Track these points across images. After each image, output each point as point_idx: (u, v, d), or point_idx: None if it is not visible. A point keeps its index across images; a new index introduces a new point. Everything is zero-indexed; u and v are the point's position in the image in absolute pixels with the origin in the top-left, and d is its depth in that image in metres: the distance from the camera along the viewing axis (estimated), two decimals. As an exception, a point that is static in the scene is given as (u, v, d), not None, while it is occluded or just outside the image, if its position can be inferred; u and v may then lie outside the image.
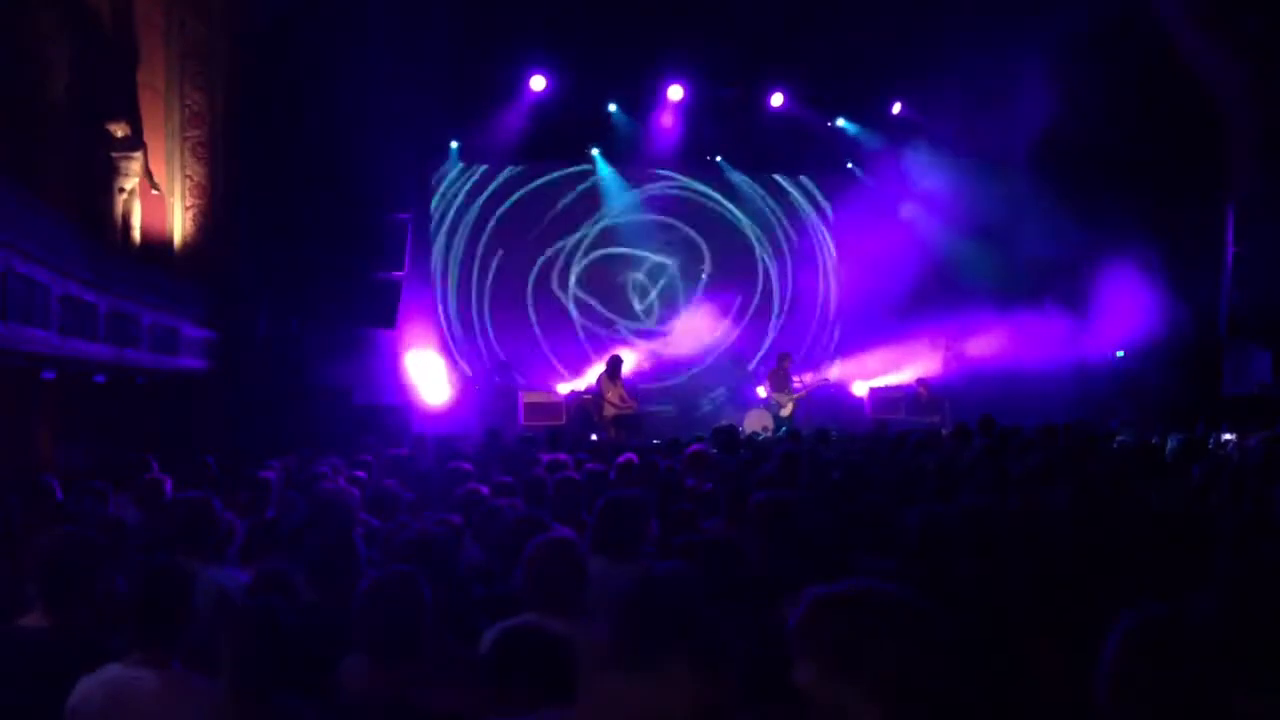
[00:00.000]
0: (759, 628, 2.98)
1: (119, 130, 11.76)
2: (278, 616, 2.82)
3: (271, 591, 3.12)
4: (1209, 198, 15.17)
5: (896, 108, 17.31)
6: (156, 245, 12.36)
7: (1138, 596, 2.35)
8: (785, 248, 18.72)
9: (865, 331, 17.68)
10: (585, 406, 15.85)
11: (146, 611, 3.17)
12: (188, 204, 12.95)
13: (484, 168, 17.71)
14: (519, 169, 17.78)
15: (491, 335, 17.73)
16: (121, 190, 11.79)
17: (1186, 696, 2.08)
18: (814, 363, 18.00)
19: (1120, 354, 16.38)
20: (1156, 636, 2.16)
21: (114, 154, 11.70)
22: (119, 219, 11.69)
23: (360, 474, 7.37)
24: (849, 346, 18.19)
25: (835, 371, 18.09)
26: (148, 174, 12.22)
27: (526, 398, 16.24)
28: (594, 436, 14.09)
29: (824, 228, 18.99)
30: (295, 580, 3.05)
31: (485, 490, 6.04)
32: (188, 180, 12.95)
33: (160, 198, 12.55)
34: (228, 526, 4.57)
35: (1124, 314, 15.62)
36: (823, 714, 1.97)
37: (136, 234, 11.99)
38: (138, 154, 11.92)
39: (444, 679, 2.85)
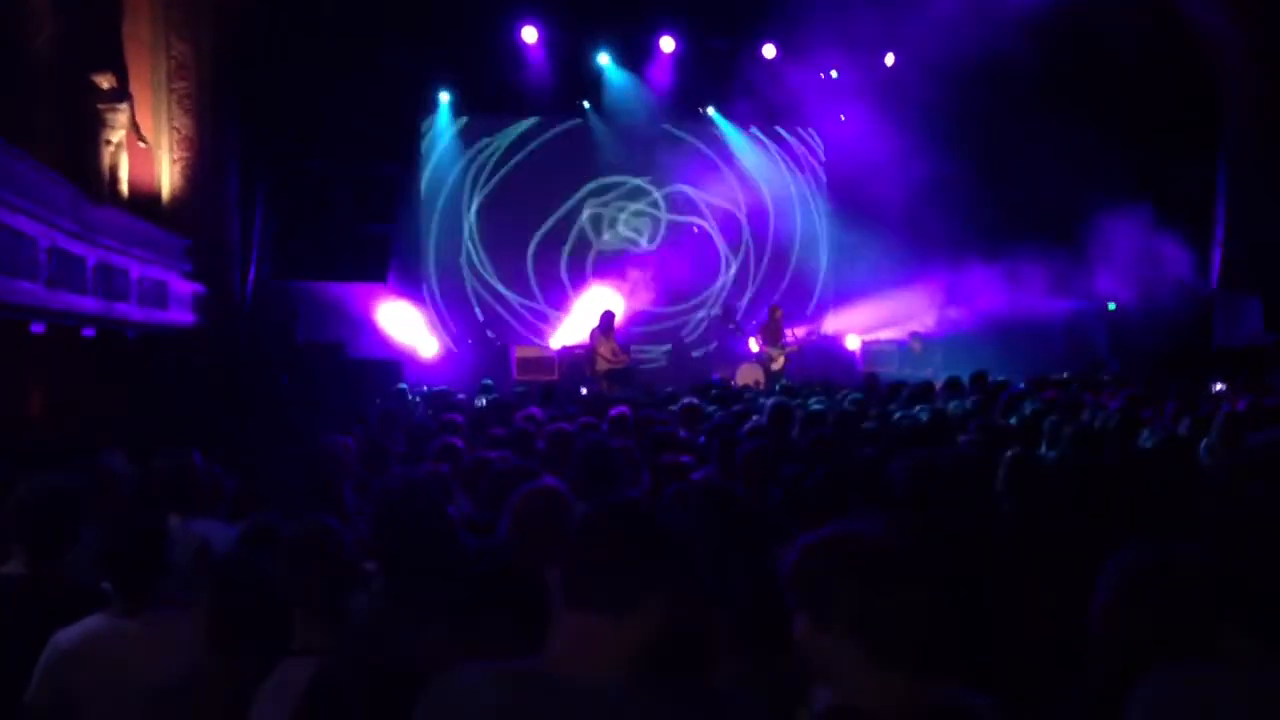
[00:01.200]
0: (750, 573, 2.98)
1: (105, 82, 11.64)
2: (258, 568, 2.82)
3: (259, 544, 3.11)
4: (1202, 151, 15.12)
5: (890, 59, 17.16)
6: (144, 198, 12.27)
7: (1126, 538, 2.35)
8: (778, 199, 18.62)
9: (858, 283, 17.63)
10: (578, 361, 15.84)
11: (122, 562, 3.17)
12: (175, 157, 12.85)
13: (475, 120, 17.56)
14: (510, 121, 17.63)
15: (485, 289, 17.66)
16: (108, 142, 11.69)
17: (1177, 632, 2.10)
18: (805, 315, 17.95)
19: (1112, 306, 16.39)
20: (1149, 574, 2.18)
21: (100, 106, 11.60)
22: (106, 171, 11.60)
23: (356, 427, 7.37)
24: (841, 299, 18.15)
25: (827, 324, 18.06)
26: (134, 126, 12.11)
27: (519, 353, 16.24)
28: (584, 390, 14.08)
29: (817, 180, 18.89)
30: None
31: (461, 444, 6.03)
32: (175, 133, 12.83)
33: (147, 150, 12.45)
34: (215, 481, 4.55)
35: (1117, 266, 15.61)
36: (814, 660, 1.98)
37: (124, 186, 11.90)
38: (124, 106, 11.81)
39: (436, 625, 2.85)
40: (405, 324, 16.18)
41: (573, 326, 17.19)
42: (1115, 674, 2.11)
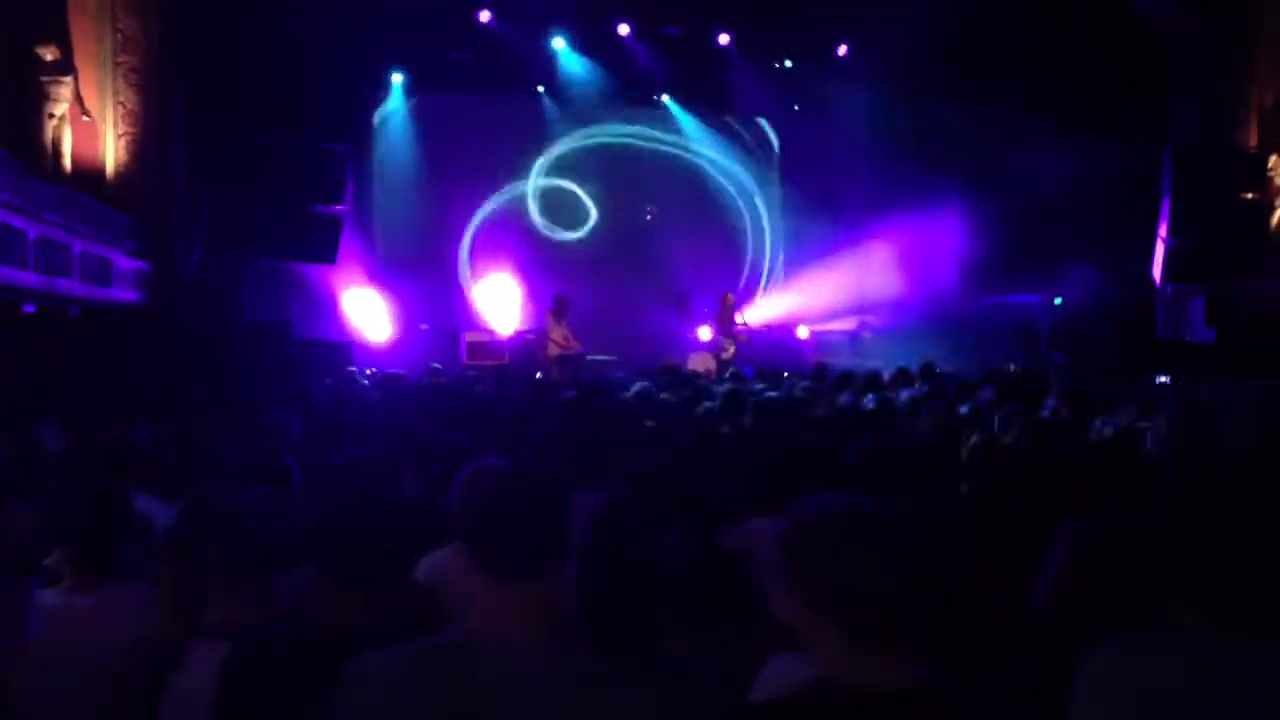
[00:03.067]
0: (700, 552, 2.97)
1: (48, 54, 11.38)
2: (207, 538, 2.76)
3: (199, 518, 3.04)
4: (1147, 143, 15.31)
5: (842, 49, 17.24)
6: (88, 173, 12.01)
7: (1074, 516, 2.37)
8: (731, 188, 18.65)
9: (809, 273, 17.70)
10: (529, 346, 15.77)
11: (84, 535, 3.10)
12: (120, 131, 12.59)
13: (427, 101, 17.41)
14: (462, 103, 17.50)
15: (436, 272, 17.53)
16: (51, 116, 11.43)
17: (1122, 603, 2.11)
18: (755, 304, 17.99)
19: (1059, 300, 16.58)
20: (1095, 547, 2.20)
21: (43, 78, 11.33)
22: (49, 145, 11.35)
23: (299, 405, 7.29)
24: (791, 288, 18.20)
25: (777, 314, 18.11)
26: (78, 100, 11.86)
27: (469, 337, 16.16)
28: (538, 375, 14.03)
29: (770, 168, 18.94)
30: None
31: (409, 424, 5.98)
32: (120, 107, 12.57)
33: (92, 124, 12.19)
34: (155, 456, 4.47)
35: (1064, 261, 15.79)
36: (789, 632, 1.98)
37: (67, 161, 11.64)
38: (68, 79, 11.55)
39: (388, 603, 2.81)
40: (355, 308, 16.02)
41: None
42: (1062, 645, 2.13)
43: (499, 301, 17.15)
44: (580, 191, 18.29)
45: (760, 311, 17.57)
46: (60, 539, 3.16)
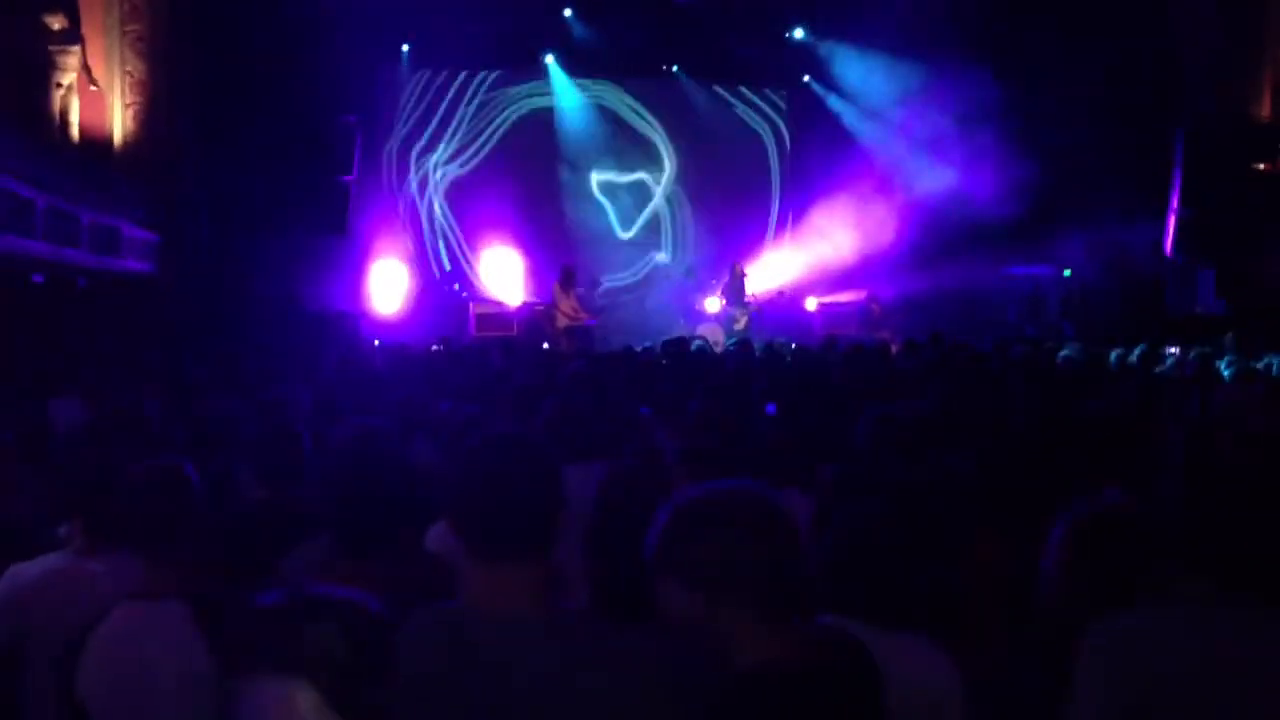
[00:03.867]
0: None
1: (56, 23, 11.36)
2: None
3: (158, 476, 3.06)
4: (1159, 119, 15.21)
5: (854, 18, 17.10)
6: (96, 143, 12.01)
7: (1077, 493, 2.38)
8: (740, 159, 18.58)
9: (816, 246, 17.65)
10: (537, 317, 15.75)
11: (76, 501, 3.13)
12: (128, 101, 12.57)
13: (435, 72, 17.34)
14: (473, 74, 17.43)
15: (448, 245, 17.52)
16: (59, 85, 11.42)
17: (1127, 579, 2.12)
18: (765, 275, 17.94)
19: (1068, 273, 16.52)
20: (1100, 522, 2.21)
21: (51, 48, 11.32)
22: (56, 115, 11.34)
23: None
24: (801, 261, 18.13)
25: (786, 285, 18.07)
26: (86, 69, 11.84)
27: (477, 309, 16.12)
28: (545, 345, 14.02)
29: (778, 140, 18.85)
30: (239, 478, 3.01)
31: (422, 393, 6.00)
32: (128, 77, 12.55)
33: (99, 94, 12.18)
34: (164, 428, 4.49)
35: (1073, 233, 15.73)
36: (697, 625, 1.95)
37: (75, 131, 11.64)
38: (75, 48, 11.53)
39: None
40: (380, 280, 16.07)
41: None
42: (1066, 619, 2.14)
43: (503, 272, 17.13)
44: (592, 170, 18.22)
45: (767, 281, 17.49)
46: (71, 509, 3.19)
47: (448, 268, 17.43)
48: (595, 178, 18.20)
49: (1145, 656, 1.93)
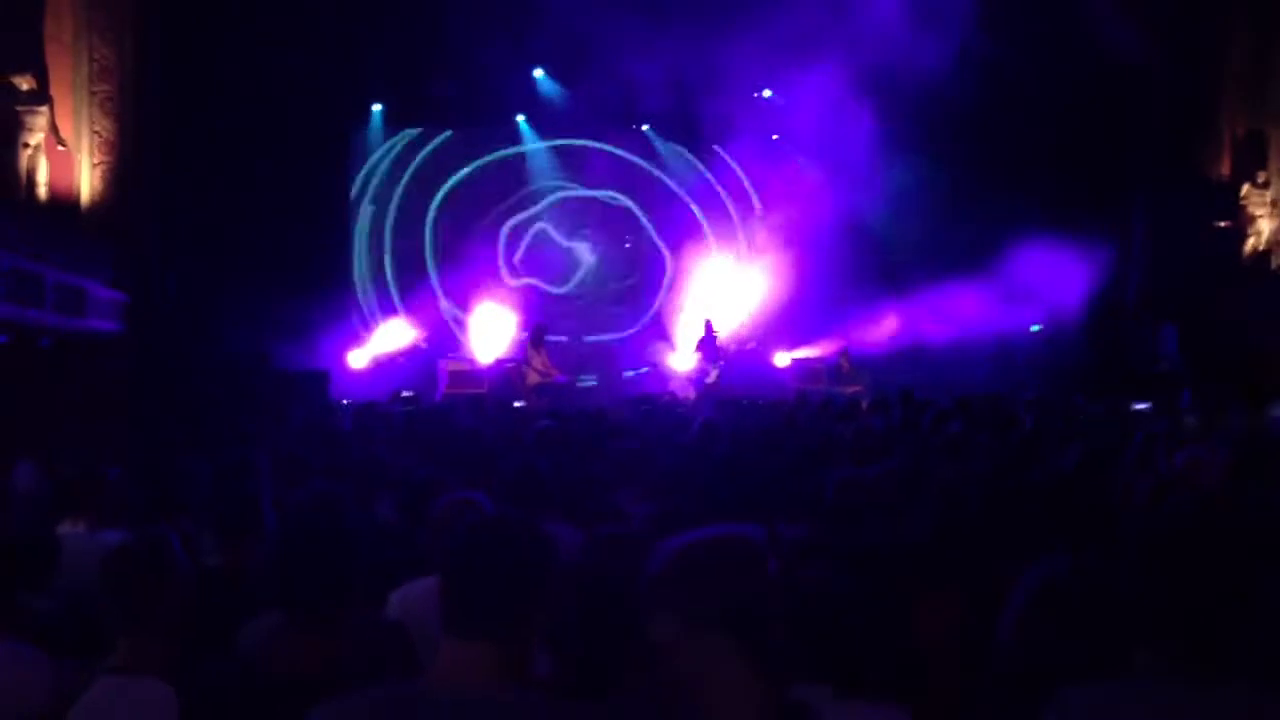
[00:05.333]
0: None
1: (24, 83, 11.37)
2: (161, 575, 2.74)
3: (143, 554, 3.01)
4: (1118, 176, 15.49)
5: (821, 79, 17.31)
6: (63, 203, 11.97)
7: (1037, 554, 2.37)
8: (708, 217, 18.71)
9: (786, 303, 17.75)
10: (508, 375, 15.72)
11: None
12: (96, 160, 12.55)
13: (407, 133, 17.44)
14: (443, 135, 17.53)
15: (415, 300, 17.50)
16: (26, 145, 11.41)
17: (1087, 650, 2.11)
18: (736, 333, 18.00)
19: (1036, 328, 16.68)
20: (1060, 591, 2.20)
21: (18, 108, 11.32)
22: (23, 175, 11.32)
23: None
24: (772, 318, 18.21)
25: (755, 342, 18.13)
26: (54, 129, 11.83)
27: (450, 365, 16.06)
28: (517, 404, 13.98)
29: (747, 198, 18.99)
30: (175, 543, 2.96)
31: (384, 452, 5.97)
32: (96, 136, 12.54)
33: (67, 154, 12.16)
34: (123, 490, 4.43)
35: (1039, 290, 15.91)
36: (681, 667, 1.93)
37: (42, 190, 11.60)
38: (43, 108, 11.54)
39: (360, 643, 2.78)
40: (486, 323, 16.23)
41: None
42: (1024, 690, 2.12)
43: (491, 330, 17.08)
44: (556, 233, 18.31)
45: (735, 337, 17.54)
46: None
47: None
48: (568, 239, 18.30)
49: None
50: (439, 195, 17.65)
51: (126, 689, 2.58)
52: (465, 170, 17.73)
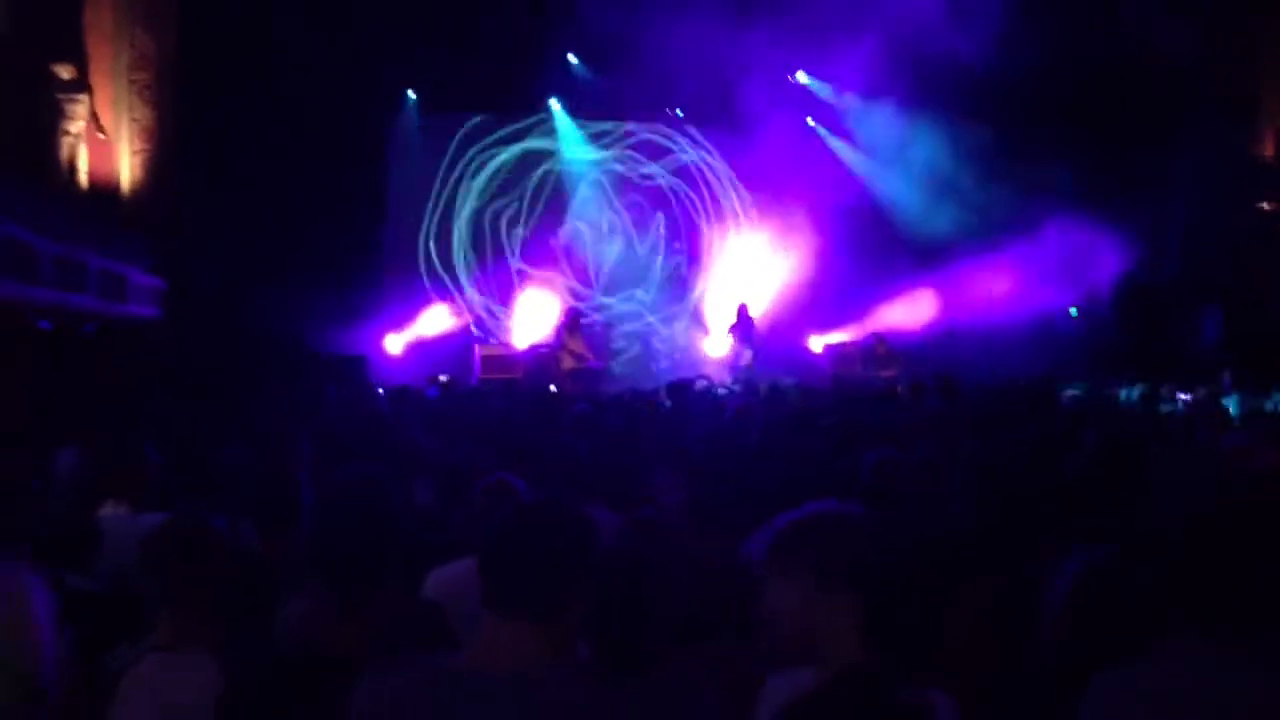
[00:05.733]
0: (693, 570, 2.96)
1: (64, 72, 11.49)
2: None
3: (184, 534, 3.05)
4: (1162, 156, 15.27)
5: (858, 63, 17.18)
6: (104, 190, 12.11)
7: (1077, 541, 2.36)
8: (741, 201, 18.65)
9: (825, 287, 17.67)
10: (543, 360, 15.76)
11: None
12: (135, 148, 12.68)
13: (441, 117, 17.44)
14: (477, 119, 17.53)
15: (453, 287, 17.54)
16: (67, 133, 11.53)
17: (1128, 634, 2.10)
18: (770, 317, 17.93)
19: (1074, 311, 16.53)
20: (1101, 576, 2.19)
21: (59, 96, 11.44)
22: (64, 163, 11.44)
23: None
24: (806, 301, 18.13)
25: (792, 326, 18.07)
26: (94, 117, 11.96)
27: (483, 350, 16.12)
28: (552, 388, 14.02)
29: (780, 182, 18.88)
30: (218, 524, 3.00)
31: (421, 436, 6.01)
32: (135, 124, 12.67)
33: (107, 142, 12.29)
34: (166, 474, 4.48)
35: (1078, 271, 15.76)
36: (798, 630, 2.05)
37: (83, 178, 11.73)
38: (84, 96, 11.65)
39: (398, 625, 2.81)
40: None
41: (519, 326, 17.10)
42: (1065, 675, 2.11)
43: (530, 315, 17.12)
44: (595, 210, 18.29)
45: (768, 321, 17.50)
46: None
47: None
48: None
49: (1147, 715, 1.90)
50: (477, 180, 17.64)
51: (173, 664, 2.62)
52: (501, 155, 17.71)
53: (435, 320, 16.87)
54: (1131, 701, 1.92)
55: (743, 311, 16.16)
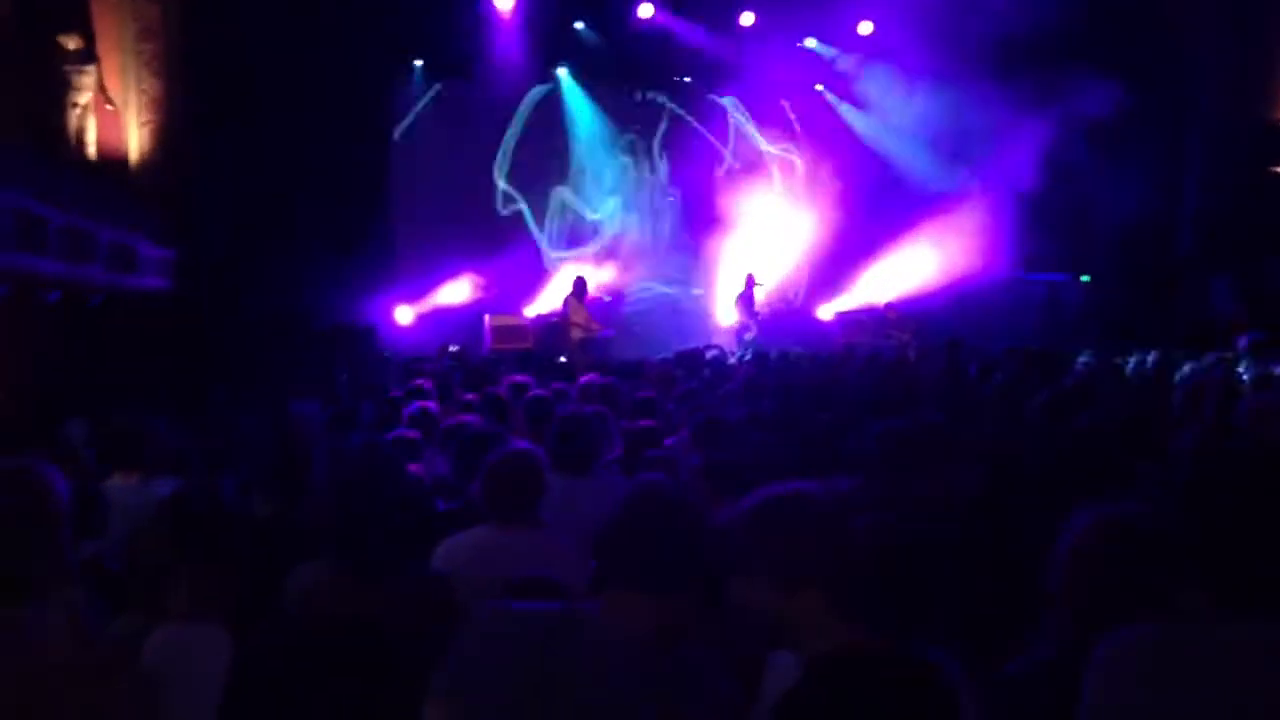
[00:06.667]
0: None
1: (71, 43, 11.43)
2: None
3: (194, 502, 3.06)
4: (1174, 124, 15.15)
5: (867, 27, 17.06)
6: (112, 161, 12.08)
7: (1087, 499, 2.35)
8: (753, 171, 18.56)
9: (830, 255, 17.63)
10: (553, 329, 15.75)
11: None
12: (143, 120, 12.64)
13: (448, 87, 17.34)
14: (483, 88, 17.42)
15: (462, 259, 17.48)
16: (75, 105, 11.49)
17: (1135, 592, 2.10)
18: (779, 285, 17.89)
19: (1085, 278, 16.47)
20: (1107, 534, 2.19)
21: (66, 67, 11.38)
22: (72, 133, 11.40)
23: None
24: (815, 269, 18.09)
25: (799, 294, 18.04)
26: (101, 88, 11.90)
27: (493, 320, 16.10)
28: (562, 359, 14.03)
29: (790, 150, 18.81)
30: (228, 493, 3.02)
31: (434, 407, 6.03)
32: (143, 95, 12.62)
33: (115, 113, 12.25)
34: (178, 444, 4.50)
35: (1090, 239, 15.70)
36: (776, 623, 2.03)
37: (91, 149, 11.70)
38: (91, 68, 11.59)
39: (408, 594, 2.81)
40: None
41: (550, 296, 17.07)
42: (1074, 633, 2.11)
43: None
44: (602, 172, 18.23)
45: (778, 289, 17.46)
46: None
47: None
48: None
49: (1156, 670, 1.90)
50: (498, 152, 17.59)
51: (186, 635, 2.63)
52: (512, 128, 17.64)
53: (454, 291, 16.81)
54: (1140, 661, 1.92)
55: (749, 282, 16.12)
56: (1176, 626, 1.95)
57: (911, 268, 16.86)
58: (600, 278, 17.15)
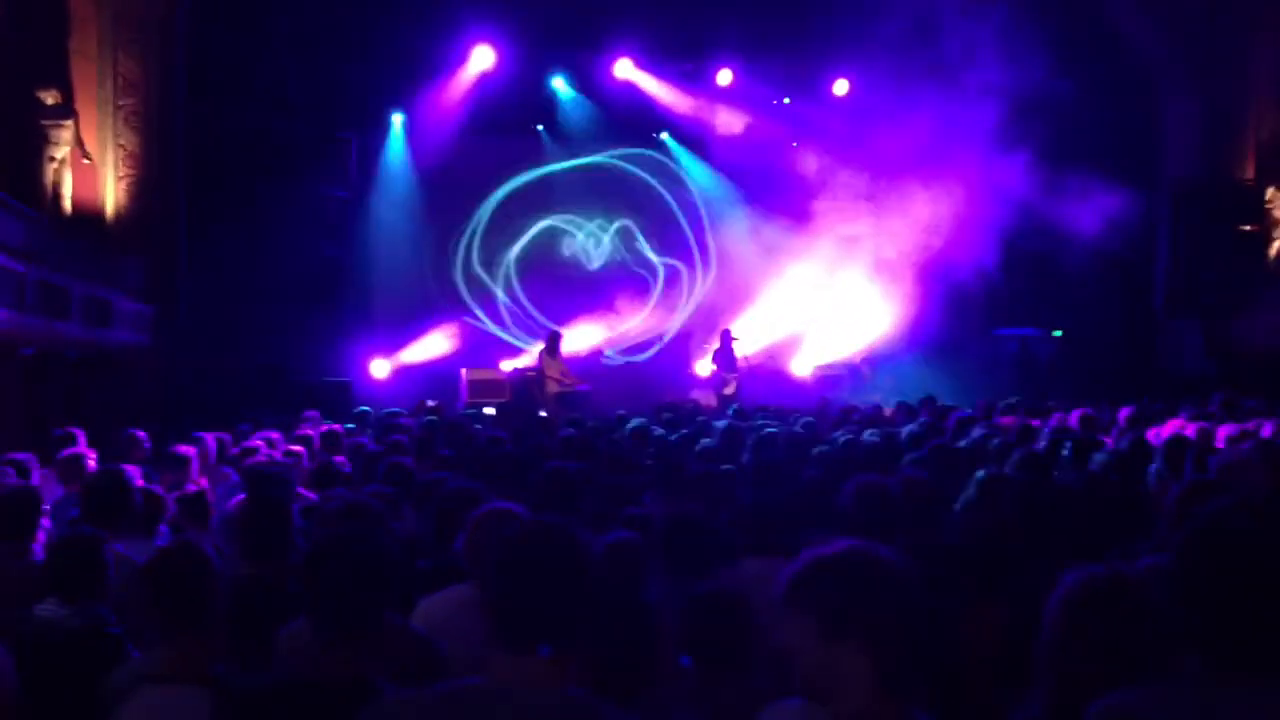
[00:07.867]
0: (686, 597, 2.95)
1: (49, 98, 11.48)
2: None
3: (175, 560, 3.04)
4: (1146, 180, 15.37)
5: (842, 87, 17.30)
6: (89, 216, 12.08)
7: (1074, 560, 2.35)
8: (727, 226, 18.65)
9: (807, 310, 17.72)
10: (529, 384, 15.71)
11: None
12: (120, 174, 12.66)
13: (426, 143, 17.40)
14: (462, 144, 17.50)
15: (442, 311, 17.48)
16: (52, 159, 11.52)
17: (1126, 655, 2.09)
18: (753, 341, 17.91)
19: (1058, 333, 16.60)
20: (1099, 595, 2.18)
21: (44, 122, 11.43)
22: (49, 188, 11.42)
23: (298, 448, 7.25)
24: (789, 326, 18.14)
25: (776, 349, 18.08)
26: (79, 143, 11.94)
27: (470, 375, 16.06)
28: (542, 413, 13.98)
29: (766, 207, 18.92)
30: (209, 551, 3.00)
31: (409, 463, 5.98)
32: (121, 149, 12.66)
33: (92, 167, 12.27)
34: (149, 500, 4.45)
35: (1063, 295, 15.86)
36: (811, 671, 2.02)
37: (67, 204, 11.70)
38: (69, 122, 11.64)
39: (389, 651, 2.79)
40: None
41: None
42: (1064, 696, 2.10)
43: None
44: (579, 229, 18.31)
45: (755, 346, 17.51)
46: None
47: None
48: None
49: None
50: (479, 208, 17.68)
51: (167, 697, 2.60)
52: (494, 191, 17.75)
53: (433, 345, 16.78)
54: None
55: (725, 338, 16.14)
56: (1167, 690, 1.94)
57: (883, 324, 16.97)
58: (577, 336, 17.16)
